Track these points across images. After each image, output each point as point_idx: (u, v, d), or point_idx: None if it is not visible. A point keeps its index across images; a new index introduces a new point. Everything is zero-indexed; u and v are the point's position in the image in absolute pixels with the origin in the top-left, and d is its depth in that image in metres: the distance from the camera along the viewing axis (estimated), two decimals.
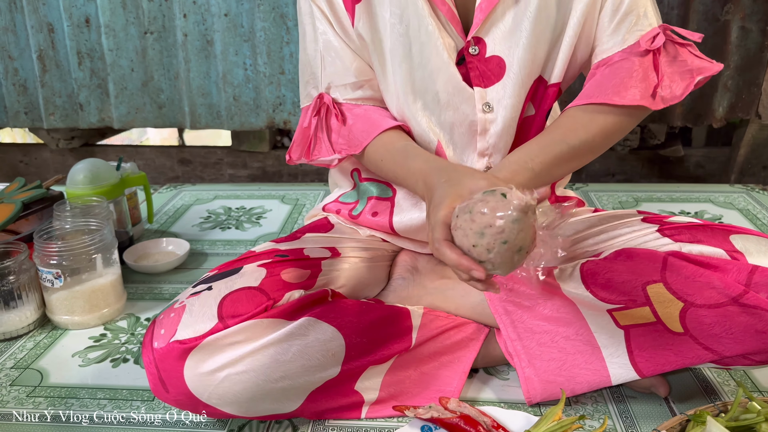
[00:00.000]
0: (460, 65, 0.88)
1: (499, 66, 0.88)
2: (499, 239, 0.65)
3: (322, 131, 0.95)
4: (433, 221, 0.72)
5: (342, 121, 0.94)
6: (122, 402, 0.93)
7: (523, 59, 0.87)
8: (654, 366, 0.86)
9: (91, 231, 1.12)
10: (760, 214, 1.55)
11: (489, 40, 0.87)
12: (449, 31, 0.87)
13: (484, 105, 0.90)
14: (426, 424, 0.81)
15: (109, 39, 1.72)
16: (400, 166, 0.88)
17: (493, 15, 0.86)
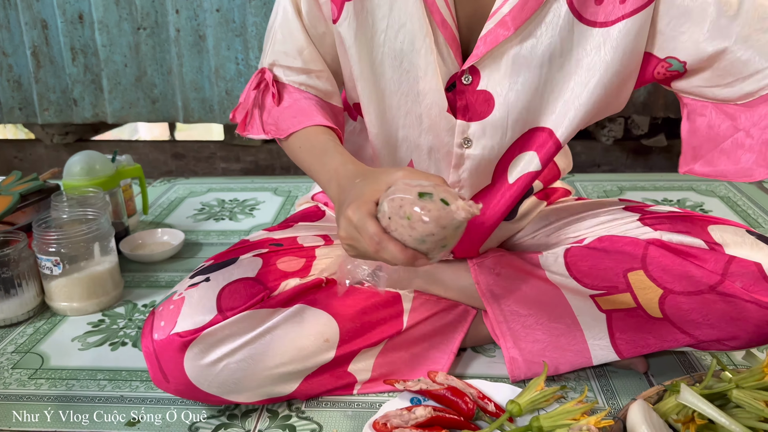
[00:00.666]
0: (449, 91, 0.84)
1: (487, 103, 0.83)
2: (440, 243, 0.64)
3: (256, 107, 0.91)
4: (358, 218, 0.65)
5: (277, 102, 0.89)
6: (122, 382, 0.96)
7: (513, 104, 0.82)
8: (634, 348, 0.89)
9: (88, 220, 1.14)
10: (740, 201, 1.59)
11: (485, 73, 0.82)
12: (446, 54, 0.82)
13: (464, 139, 0.86)
14: (415, 396, 0.84)
15: (103, 35, 1.74)
16: (316, 160, 0.83)
17: (495, 51, 0.80)
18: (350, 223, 0.67)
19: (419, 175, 0.68)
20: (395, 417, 0.78)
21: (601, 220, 0.97)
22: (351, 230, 0.67)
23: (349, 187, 0.72)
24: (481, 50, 0.79)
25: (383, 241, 0.64)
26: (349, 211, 0.67)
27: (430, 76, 0.82)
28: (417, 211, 0.62)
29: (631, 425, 0.73)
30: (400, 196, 0.63)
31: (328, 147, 0.82)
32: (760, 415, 0.70)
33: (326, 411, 0.89)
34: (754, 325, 0.81)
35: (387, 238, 0.64)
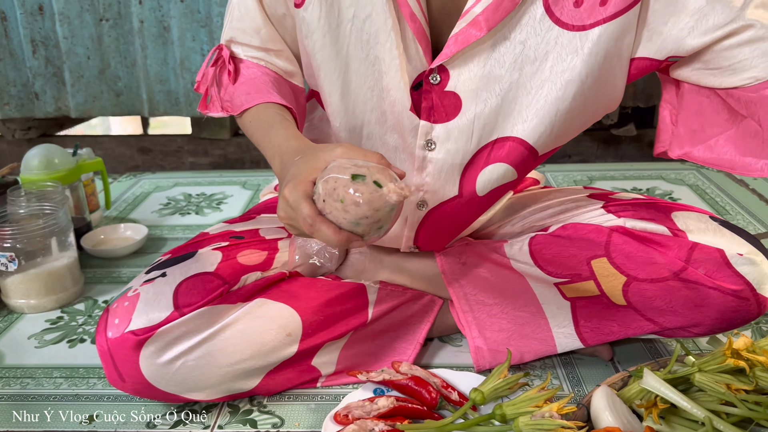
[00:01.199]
0: (415, 90, 0.79)
1: (455, 105, 0.79)
2: (374, 226, 0.64)
3: (214, 85, 0.89)
4: (294, 198, 0.64)
5: (233, 79, 0.87)
6: (78, 380, 0.93)
7: (482, 108, 0.78)
8: (598, 336, 0.89)
9: (45, 215, 1.11)
10: (708, 189, 1.60)
11: (454, 74, 0.77)
12: (413, 50, 0.77)
13: (427, 141, 0.82)
14: (378, 387, 0.83)
15: (64, 26, 1.70)
16: (263, 136, 0.80)
17: (466, 52, 0.76)
18: (287, 203, 0.65)
19: (357, 152, 0.66)
20: (357, 408, 0.76)
21: (566, 207, 0.97)
22: (288, 210, 0.66)
23: (289, 165, 0.70)
24: (451, 49, 0.74)
25: (316, 223, 0.63)
26: (285, 191, 0.66)
27: (394, 71, 0.77)
28: (350, 194, 0.61)
29: (594, 411, 0.73)
30: (335, 177, 0.62)
31: (274, 122, 0.80)
32: (721, 398, 0.70)
33: (288, 404, 0.87)
34: (717, 311, 0.81)
35: (321, 220, 0.63)
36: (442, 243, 0.98)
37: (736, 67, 0.72)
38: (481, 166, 0.83)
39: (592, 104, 0.79)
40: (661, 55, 0.75)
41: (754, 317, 0.82)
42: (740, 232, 0.85)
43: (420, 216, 0.90)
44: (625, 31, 0.73)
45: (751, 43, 0.70)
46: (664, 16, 0.73)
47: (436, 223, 0.91)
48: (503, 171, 0.83)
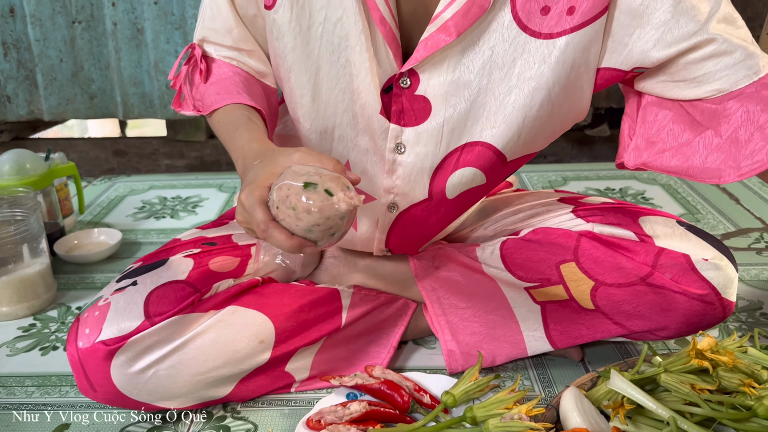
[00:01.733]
0: (386, 93, 0.80)
1: (424, 109, 0.79)
2: (327, 233, 0.65)
3: (187, 84, 0.90)
4: (249, 204, 0.65)
5: (204, 78, 0.88)
6: (51, 388, 0.92)
7: (451, 112, 0.79)
8: (567, 339, 0.90)
9: (16, 221, 1.10)
10: (680, 189, 1.62)
11: (423, 77, 0.77)
12: (383, 54, 0.77)
13: (397, 144, 0.82)
14: (351, 391, 0.83)
15: (36, 29, 1.68)
16: (229, 137, 0.81)
17: (436, 56, 0.76)
18: (243, 207, 0.67)
19: (314, 157, 0.67)
20: (329, 413, 0.77)
21: (537, 211, 0.98)
22: (245, 214, 0.67)
23: (249, 168, 0.71)
24: (421, 54, 0.75)
25: (269, 229, 0.64)
26: (242, 195, 0.67)
27: (364, 74, 0.77)
28: (302, 202, 0.62)
29: (563, 412, 0.74)
30: (288, 184, 0.63)
31: (239, 123, 0.80)
32: (686, 398, 0.71)
33: (262, 410, 0.87)
34: (683, 315, 0.83)
35: (273, 226, 0.64)
36: (415, 246, 0.98)
37: (701, 79, 0.74)
38: (451, 170, 0.84)
39: (559, 113, 0.80)
40: (626, 66, 0.76)
41: (719, 321, 0.84)
42: (706, 236, 0.86)
43: (391, 218, 0.90)
44: (592, 41, 0.74)
45: (714, 57, 0.72)
46: (629, 29, 0.74)
47: (407, 226, 0.92)
48: (472, 175, 0.84)
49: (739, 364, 0.72)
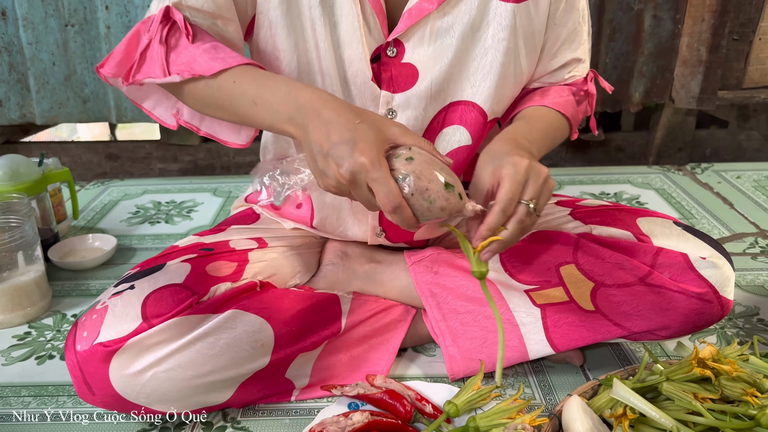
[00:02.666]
0: (374, 63, 0.84)
1: (412, 75, 0.85)
2: (437, 215, 0.70)
3: (161, 44, 0.79)
4: (378, 174, 0.67)
5: (191, 39, 0.79)
6: (48, 398, 0.91)
7: (436, 76, 0.85)
8: (568, 341, 0.90)
9: (10, 228, 1.09)
10: (674, 193, 1.63)
11: (408, 46, 0.84)
12: (372, 24, 0.82)
13: (389, 110, 0.86)
14: (353, 401, 0.83)
15: (28, 32, 1.66)
16: (267, 91, 0.75)
17: (418, 25, 0.83)
18: (366, 173, 0.67)
19: (412, 136, 0.72)
20: (331, 424, 0.76)
21: None
22: (361, 180, 0.68)
23: (346, 126, 0.69)
24: (406, 23, 0.82)
25: (402, 206, 0.68)
26: (364, 159, 0.67)
27: (355, 44, 0.82)
28: (441, 200, 0.69)
29: (565, 422, 0.74)
30: (428, 180, 0.69)
31: (279, 78, 0.76)
32: (688, 407, 0.71)
33: (263, 420, 0.86)
34: (683, 314, 0.84)
35: (405, 205, 0.69)
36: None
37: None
38: (438, 129, 0.89)
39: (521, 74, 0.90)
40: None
41: (717, 319, 0.85)
42: (703, 236, 0.88)
43: None
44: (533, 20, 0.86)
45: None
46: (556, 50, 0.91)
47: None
48: (458, 134, 0.90)
49: (741, 373, 0.72)
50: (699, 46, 1.70)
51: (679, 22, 1.69)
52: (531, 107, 0.92)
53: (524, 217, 0.72)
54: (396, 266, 1.00)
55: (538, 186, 0.73)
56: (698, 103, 1.74)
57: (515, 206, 0.72)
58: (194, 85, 0.79)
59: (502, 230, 0.72)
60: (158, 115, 0.90)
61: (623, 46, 1.72)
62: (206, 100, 0.80)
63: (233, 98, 0.77)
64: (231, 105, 0.78)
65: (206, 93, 0.79)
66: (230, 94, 0.77)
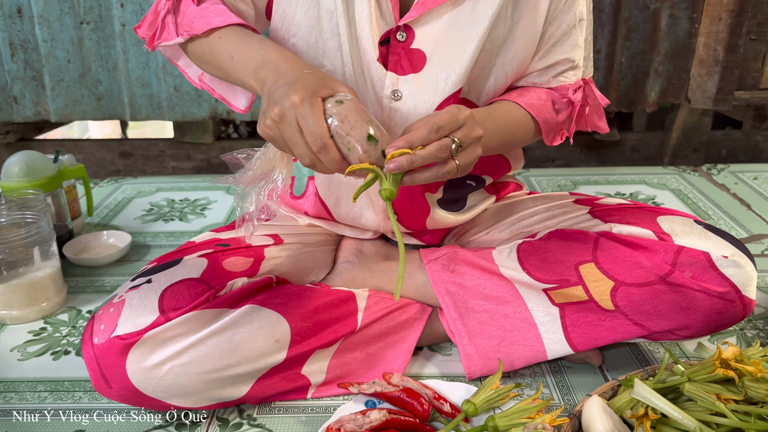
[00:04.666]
0: (384, 45, 0.85)
1: (420, 60, 0.85)
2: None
3: (169, 14, 0.86)
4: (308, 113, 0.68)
5: (196, 2, 0.85)
6: (63, 394, 0.91)
7: (446, 64, 0.84)
8: (587, 341, 0.89)
9: (27, 224, 1.09)
10: (690, 194, 1.62)
11: (419, 32, 0.84)
12: (384, 6, 0.83)
13: (394, 92, 0.85)
14: (370, 399, 0.82)
15: (44, 29, 1.67)
16: (244, 47, 0.79)
17: (430, 13, 0.83)
18: (296, 109, 0.68)
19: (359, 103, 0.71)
20: (349, 421, 0.76)
21: (553, 213, 0.98)
22: (291, 116, 0.68)
23: (294, 73, 0.72)
24: (418, 10, 0.82)
25: (328, 146, 0.68)
26: (296, 98, 0.68)
27: (364, 23, 0.82)
28: (357, 149, 0.67)
29: (586, 422, 0.73)
30: (352, 124, 0.67)
31: (257, 37, 0.80)
32: (711, 408, 0.70)
33: (279, 417, 0.86)
34: (704, 314, 0.83)
35: (332, 145, 0.68)
36: (419, 214, 0.98)
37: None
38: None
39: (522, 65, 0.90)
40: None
41: (739, 319, 0.84)
42: (724, 235, 0.87)
43: None
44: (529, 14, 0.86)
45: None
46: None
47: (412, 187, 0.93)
48: None
49: (765, 374, 0.71)
50: (716, 46, 1.69)
51: (695, 22, 1.68)
52: (501, 101, 0.91)
53: (445, 150, 0.71)
54: (412, 264, 1.00)
55: (469, 138, 0.74)
56: (715, 103, 1.73)
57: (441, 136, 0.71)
58: (194, 43, 0.85)
59: (419, 149, 0.70)
60: (189, 74, 0.95)
61: (639, 45, 1.70)
62: (201, 57, 0.85)
63: (218, 53, 0.82)
64: (215, 59, 0.82)
65: (200, 50, 0.85)
66: (216, 50, 0.82)
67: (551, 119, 0.93)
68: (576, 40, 0.91)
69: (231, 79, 0.83)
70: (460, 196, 1.01)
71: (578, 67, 0.93)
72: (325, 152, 0.68)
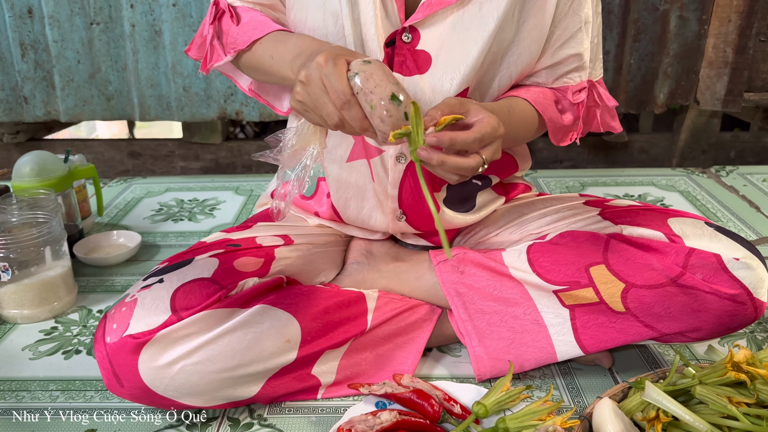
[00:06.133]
0: (390, 46, 0.85)
1: (425, 61, 0.86)
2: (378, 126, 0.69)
3: (215, 38, 0.92)
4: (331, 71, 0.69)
5: (236, 21, 0.90)
6: (75, 393, 0.92)
7: (451, 65, 0.85)
8: (597, 343, 0.89)
9: (38, 223, 1.10)
10: (699, 196, 1.62)
11: (424, 33, 0.85)
12: (390, 8, 0.84)
13: None
14: (380, 400, 0.83)
15: (54, 30, 1.68)
16: (282, 45, 0.83)
17: (436, 14, 0.84)
18: (320, 69, 0.70)
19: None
20: (360, 422, 0.76)
21: (563, 215, 0.98)
22: (316, 77, 0.70)
23: (322, 45, 0.76)
24: (423, 12, 0.83)
25: (351, 103, 0.69)
26: (321, 58, 0.70)
27: (370, 24, 0.83)
28: (381, 107, 0.68)
29: (596, 424, 0.73)
30: (378, 80, 0.68)
31: (294, 35, 0.84)
32: (723, 411, 0.70)
33: (289, 417, 0.86)
34: (715, 316, 0.83)
35: (356, 102, 0.69)
36: (426, 207, 0.97)
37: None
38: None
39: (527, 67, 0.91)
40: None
41: (751, 321, 0.84)
42: (735, 237, 0.87)
43: (400, 171, 0.92)
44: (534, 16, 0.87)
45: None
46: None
47: (416, 180, 0.93)
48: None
49: None
50: (725, 47, 1.69)
51: (705, 23, 1.67)
52: (513, 97, 0.91)
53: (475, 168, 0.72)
54: (421, 265, 1.00)
55: (494, 156, 0.75)
56: (724, 104, 1.73)
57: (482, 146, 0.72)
58: (241, 57, 0.89)
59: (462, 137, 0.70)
60: (241, 84, 1.00)
61: (648, 46, 1.70)
62: (248, 66, 0.90)
63: (259, 57, 0.86)
64: (260, 64, 0.86)
65: (247, 60, 0.89)
66: (258, 55, 0.86)
67: (556, 118, 0.93)
68: (581, 42, 0.91)
69: (274, 78, 0.86)
70: (466, 195, 1.01)
71: (584, 68, 0.93)
72: (349, 108, 0.69)
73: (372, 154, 0.92)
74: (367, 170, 0.94)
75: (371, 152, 0.92)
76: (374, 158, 0.92)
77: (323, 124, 0.74)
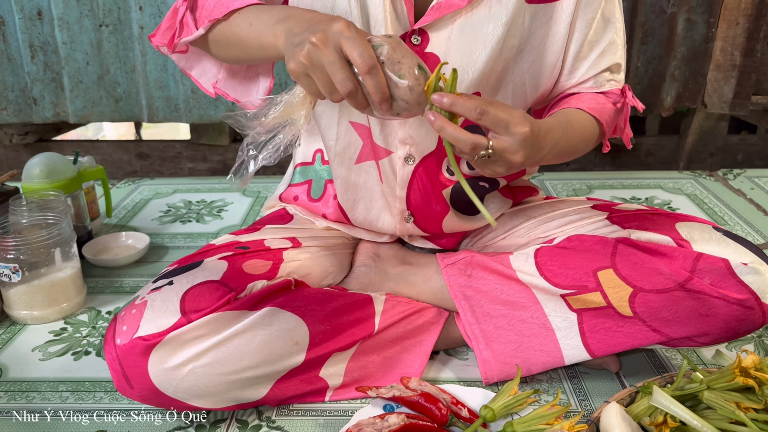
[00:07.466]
0: None
1: (434, 63, 0.84)
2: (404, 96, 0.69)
3: (190, 12, 0.87)
4: (355, 36, 0.67)
5: None
6: (85, 394, 0.93)
7: (459, 68, 0.84)
8: (605, 347, 0.89)
9: (48, 225, 1.11)
10: (706, 199, 1.61)
11: (433, 36, 0.85)
12: (399, 10, 0.83)
13: None
14: (388, 403, 0.83)
15: (63, 32, 1.69)
16: (263, 12, 0.79)
17: (445, 18, 0.84)
18: (342, 33, 0.67)
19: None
20: (368, 425, 0.76)
21: (570, 219, 0.98)
22: (335, 40, 0.67)
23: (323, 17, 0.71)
24: (433, 15, 0.82)
25: (377, 68, 0.67)
26: (343, 24, 0.68)
27: (379, 26, 0.83)
28: (413, 75, 0.67)
29: (604, 429, 0.73)
30: (402, 55, 0.68)
31: (278, 5, 0.80)
32: (731, 417, 0.70)
33: (297, 419, 0.87)
34: (723, 321, 0.83)
35: (381, 68, 0.67)
36: (435, 215, 0.98)
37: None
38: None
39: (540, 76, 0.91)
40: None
41: (759, 326, 0.84)
42: (743, 241, 0.86)
43: (408, 172, 0.92)
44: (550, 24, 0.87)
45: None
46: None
47: (424, 179, 0.94)
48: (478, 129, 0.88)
49: None
50: (733, 50, 1.68)
51: (712, 26, 1.67)
52: (568, 109, 0.90)
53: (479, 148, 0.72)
54: (428, 268, 1.00)
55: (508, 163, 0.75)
56: (731, 108, 1.72)
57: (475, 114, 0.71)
58: (214, 31, 0.84)
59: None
60: (203, 83, 0.96)
61: (655, 49, 1.70)
62: (220, 41, 0.84)
63: (236, 26, 0.81)
64: (234, 35, 0.82)
65: (220, 34, 0.84)
66: (235, 24, 0.82)
67: (611, 122, 0.93)
68: (617, 45, 0.92)
69: (248, 51, 0.81)
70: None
71: (623, 70, 0.95)
72: (375, 74, 0.67)
73: (380, 156, 0.92)
74: (376, 172, 0.95)
75: (380, 154, 0.92)
76: (383, 159, 0.92)
77: (322, 92, 0.70)
